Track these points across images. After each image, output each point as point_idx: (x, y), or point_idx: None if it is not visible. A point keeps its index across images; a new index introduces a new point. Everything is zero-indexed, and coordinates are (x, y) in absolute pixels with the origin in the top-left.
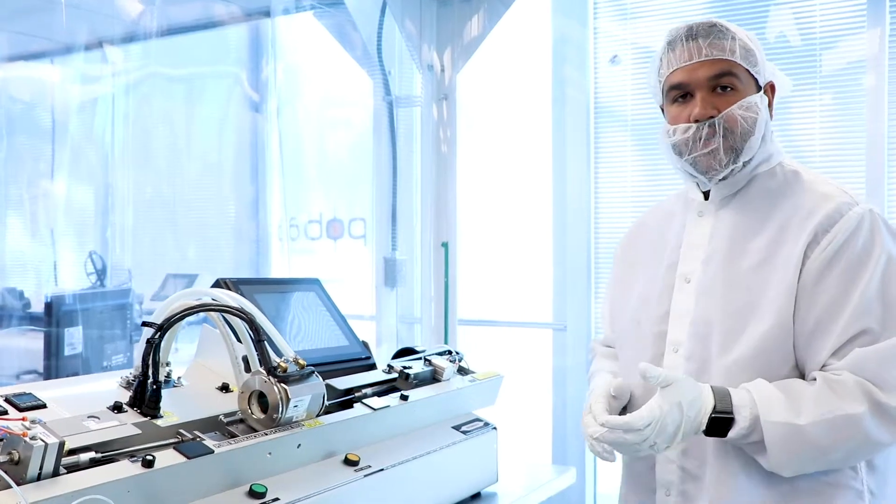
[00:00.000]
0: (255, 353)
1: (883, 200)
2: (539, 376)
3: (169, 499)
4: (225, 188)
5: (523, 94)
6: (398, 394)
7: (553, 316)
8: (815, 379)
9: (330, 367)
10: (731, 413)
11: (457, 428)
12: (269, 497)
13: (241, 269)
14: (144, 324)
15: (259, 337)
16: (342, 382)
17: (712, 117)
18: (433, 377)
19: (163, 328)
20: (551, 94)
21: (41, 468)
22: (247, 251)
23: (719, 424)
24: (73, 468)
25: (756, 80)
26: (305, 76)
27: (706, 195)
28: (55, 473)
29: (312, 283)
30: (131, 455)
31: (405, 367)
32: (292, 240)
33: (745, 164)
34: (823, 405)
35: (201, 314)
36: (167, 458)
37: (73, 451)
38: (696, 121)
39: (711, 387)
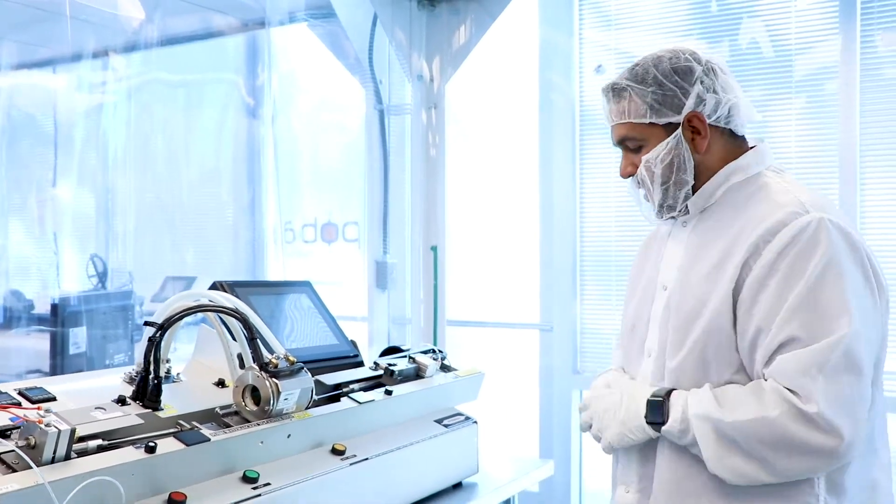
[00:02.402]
0: (248, 351)
1: (855, 200)
2: (526, 375)
3: (169, 482)
4: (222, 192)
5: (510, 101)
6: (383, 389)
7: (540, 317)
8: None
9: (319, 363)
10: (662, 398)
11: (439, 421)
12: (261, 482)
13: (237, 272)
14: (146, 323)
15: (252, 335)
16: (331, 378)
17: (630, 174)
18: (417, 374)
19: (163, 327)
20: (538, 102)
21: (55, 452)
22: (243, 254)
23: (655, 411)
24: (82, 453)
25: (666, 123)
26: (300, 84)
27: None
28: (67, 457)
29: (304, 286)
30: (135, 442)
31: (390, 365)
32: (287, 243)
33: (672, 206)
34: (742, 406)
35: (199, 315)
36: (168, 446)
37: (82, 439)
38: (623, 177)
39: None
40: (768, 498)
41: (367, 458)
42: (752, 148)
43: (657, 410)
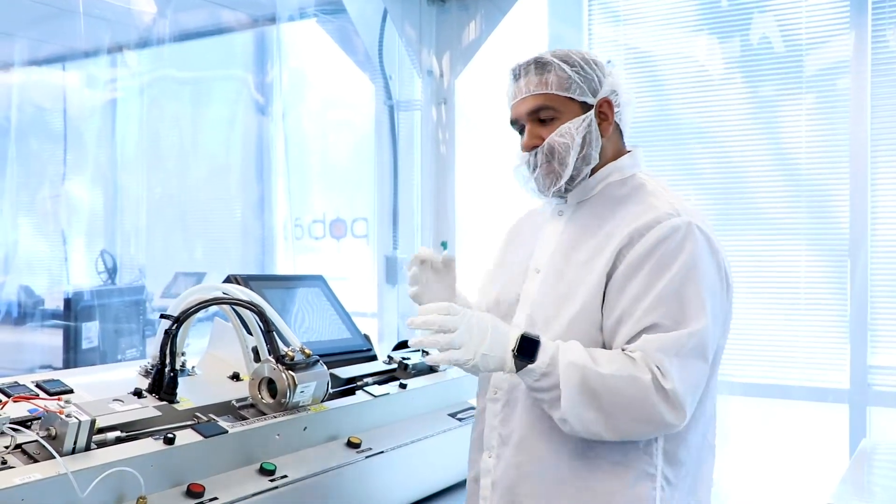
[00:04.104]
0: (264, 343)
1: (866, 197)
2: None
3: (188, 473)
4: (232, 189)
5: None
6: (397, 382)
7: None
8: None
9: (334, 357)
10: (538, 338)
11: (452, 415)
12: (278, 474)
13: (247, 268)
14: (163, 316)
15: (268, 328)
16: (345, 372)
17: (536, 146)
18: (430, 368)
19: (179, 320)
20: None
21: (75, 442)
22: (253, 250)
23: (527, 348)
24: (101, 444)
25: (582, 101)
26: (309, 80)
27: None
28: (87, 448)
29: (317, 280)
30: (153, 434)
31: (404, 358)
32: (297, 239)
33: (577, 178)
34: (616, 364)
35: (210, 310)
36: (186, 437)
37: (100, 430)
38: (526, 150)
39: None
40: (615, 467)
41: (382, 452)
42: (628, 152)
43: (530, 348)
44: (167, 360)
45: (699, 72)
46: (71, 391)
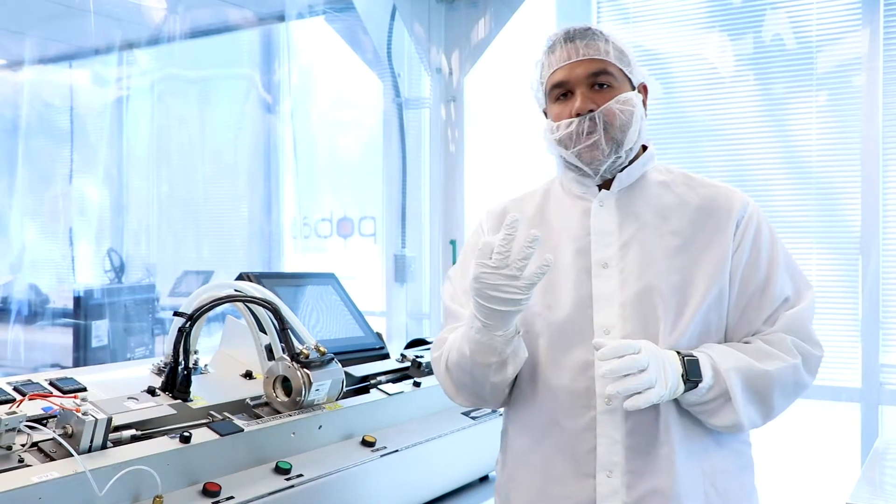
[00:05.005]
0: (278, 341)
1: (878, 196)
2: None
3: (203, 472)
4: (240, 187)
5: (529, 95)
6: (411, 381)
7: None
8: (748, 343)
9: (346, 355)
10: (695, 356)
11: (466, 414)
12: (293, 473)
13: (254, 266)
14: (176, 313)
15: (283, 325)
16: (359, 370)
17: (592, 111)
18: None
19: (193, 317)
20: None
21: (91, 441)
22: (260, 248)
23: (694, 369)
24: (117, 442)
25: (630, 80)
26: (318, 79)
27: (599, 187)
28: (103, 446)
29: (329, 278)
30: (169, 432)
31: (417, 356)
32: (305, 238)
33: (627, 156)
34: (772, 357)
35: (220, 308)
36: (202, 436)
37: (116, 428)
38: (578, 114)
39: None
40: (743, 446)
41: (396, 450)
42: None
43: (695, 368)
44: (181, 358)
45: (710, 70)
46: (84, 389)
